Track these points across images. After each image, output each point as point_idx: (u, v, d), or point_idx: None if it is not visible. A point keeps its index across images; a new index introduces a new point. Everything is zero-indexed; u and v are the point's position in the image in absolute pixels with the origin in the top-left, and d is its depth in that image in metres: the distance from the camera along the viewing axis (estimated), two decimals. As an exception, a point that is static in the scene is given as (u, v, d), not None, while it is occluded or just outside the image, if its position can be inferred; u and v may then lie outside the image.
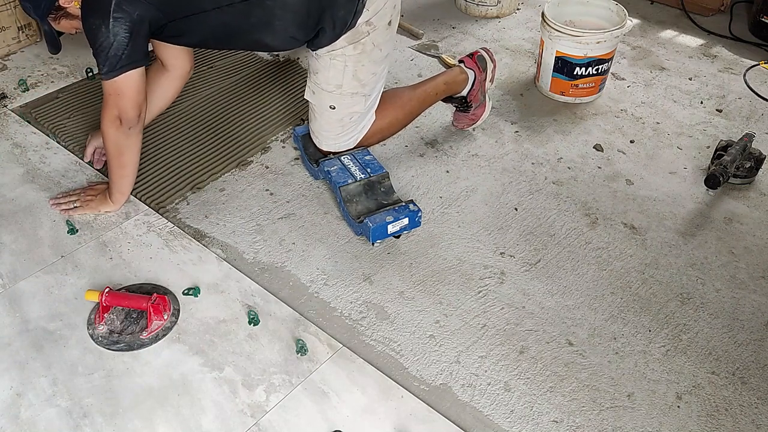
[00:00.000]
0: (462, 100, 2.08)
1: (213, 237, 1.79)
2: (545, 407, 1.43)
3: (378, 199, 1.83)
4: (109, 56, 1.57)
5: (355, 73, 1.77)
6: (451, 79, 2.03)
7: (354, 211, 1.79)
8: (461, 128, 2.16)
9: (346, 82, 1.78)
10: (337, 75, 1.77)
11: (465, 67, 2.06)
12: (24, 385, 1.44)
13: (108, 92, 1.63)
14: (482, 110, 2.13)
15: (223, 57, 2.48)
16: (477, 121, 2.14)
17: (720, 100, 2.36)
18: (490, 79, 2.13)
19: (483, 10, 2.83)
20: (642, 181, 2.01)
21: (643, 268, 1.74)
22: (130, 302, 1.56)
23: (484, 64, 2.09)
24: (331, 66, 1.76)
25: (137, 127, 1.70)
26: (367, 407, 1.41)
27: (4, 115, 2.20)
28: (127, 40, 1.55)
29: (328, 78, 1.78)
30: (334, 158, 1.89)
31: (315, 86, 1.82)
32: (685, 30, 2.79)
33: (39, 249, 1.74)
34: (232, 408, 1.40)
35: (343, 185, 1.81)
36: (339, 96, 1.80)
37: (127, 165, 1.76)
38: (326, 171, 1.86)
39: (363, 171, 1.85)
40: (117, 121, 1.66)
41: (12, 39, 2.50)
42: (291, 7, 1.64)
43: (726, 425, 1.40)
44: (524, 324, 1.59)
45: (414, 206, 1.77)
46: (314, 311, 1.60)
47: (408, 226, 1.77)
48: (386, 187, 1.85)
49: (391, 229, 1.74)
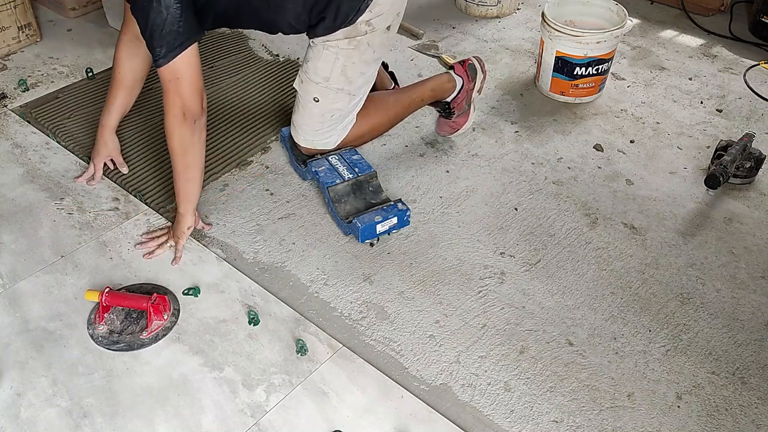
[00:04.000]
0: (445, 106, 2.07)
1: (213, 237, 1.79)
2: (545, 407, 1.43)
3: (366, 198, 1.83)
4: (164, 34, 1.51)
5: (344, 68, 1.78)
6: (438, 86, 2.02)
7: (342, 211, 1.79)
8: (442, 135, 2.14)
9: (334, 77, 1.79)
10: (326, 66, 1.78)
11: (454, 74, 2.05)
12: (24, 385, 1.44)
13: (167, 80, 1.56)
14: (465, 119, 2.10)
15: (223, 57, 2.48)
16: (458, 129, 2.11)
17: (720, 100, 2.36)
18: (478, 89, 2.11)
19: (483, 10, 2.83)
20: (642, 181, 2.01)
21: (643, 268, 1.74)
22: (130, 302, 1.56)
23: (474, 74, 2.07)
24: (323, 56, 1.77)
25: (201, 121, 1.64)
26: (367, 407, 1.41)
27: (4, 115, 2.20)
28: (179, 11, 1.50)
29: (317, 68, 1.79)
30: (322, 158, 1.89)
31: (304, 75, 1.83)
32: (685, 30, 2.79)
33: (39, 249, 1.74)
34: (232, 408, 1.40)
35: (331, 185, 1.80)
36: (325, 89, 1.81)
37: (193, 166, 1.68)
38: (314, 171, 1.86)
39: (351, 171, 1.85)
40: (181, 115, 1.59)
41: (12, 39, 2.50)
42: None
43: (726, 425, 1.40)
44: (524, 324, 1.59)
45: (402, 205, 1.78)
46: (314, 311, 1.61)
47: (397, 225, 1.77)
48: (374, 187, 1.85)
49: (380, 229, 1.74)
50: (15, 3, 2.45)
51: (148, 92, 2.29)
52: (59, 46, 2.56)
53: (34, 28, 2.55)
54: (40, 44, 2.57)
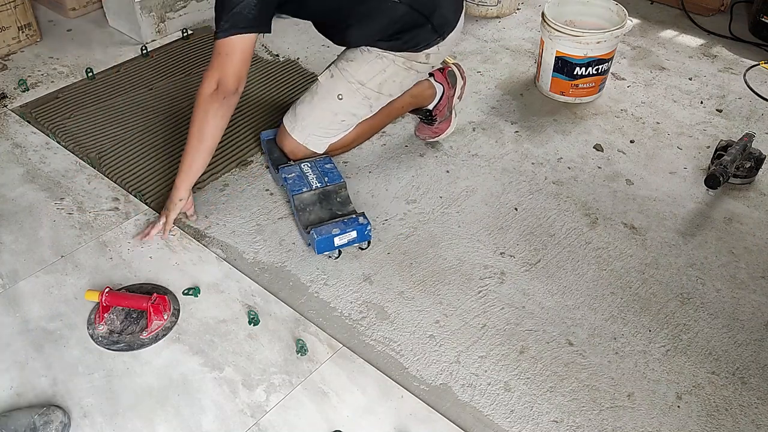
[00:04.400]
0: (427, 114, 2.07)
1: (213, 237, 1.79)
2: (545, 407, 1.43)
3: (333, 209, 1.79)
4: (233, 12, 1.54)
5: (385, 81, 1.84)
6: (419, 93, 2.01)
7: (305, 220, 1.76)
8: (423, 139, 2.13)
9: (371, 84, 1.83)
10: (371, 72, 1.82)
11: (434, 81, 2.04)
12: (24, 385, 1.44)
13: (218, 51, 1.59)
14: (447, 125, 2.10)
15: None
16: (440, 134, 2.10)
17: (720, 100, 2.36)
18: (459, 95, 2.12)
19: (483, 10, 2.83)
20: (642, 181, 2.01)
21: (643, 268, 1.74)
22: (130, 302, 1.56)
23: (454, 80, 2.08)
24: (373, 62, 1.82)
25: (230, 101, 1.65)
26: (367, 407, 1.41)
27: (4, 115, 2.20)
28: (255, 1, 1.54)
29: (360, 70, 1.82)
30: (295, 165, 1.86)
31: (338, 71, 1.85)
32: (685, 30, 2.79)
33: (39, 249, 1.74)
34: (232, 408, 1.40)
35: (298, 193, 1.78)
36: (355, 91, 1.83)
37: (206, 140, 1.68)
38: (284, 177, 1.83)
39: (320, 180, 1.81)
40: (215, 86, 1.61)
41: (12, 39, 2.50)
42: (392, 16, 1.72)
43: (726, 425, 1.40)
44: (524, 324, 1.59)
45: (364, 219, 1.73)
46: (314, 311, 1.61)
47: (357, 239, 1.72)
48: (342, 198, 1.82)
49: (338, 242, 1.70)
50: (15, 3, 2.45)
51: (148, 93, 2.30)
52: (59, 46, 2.56)
53: (34, 28, 2.55)
54: (40, 44, 2.57)
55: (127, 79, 2.37)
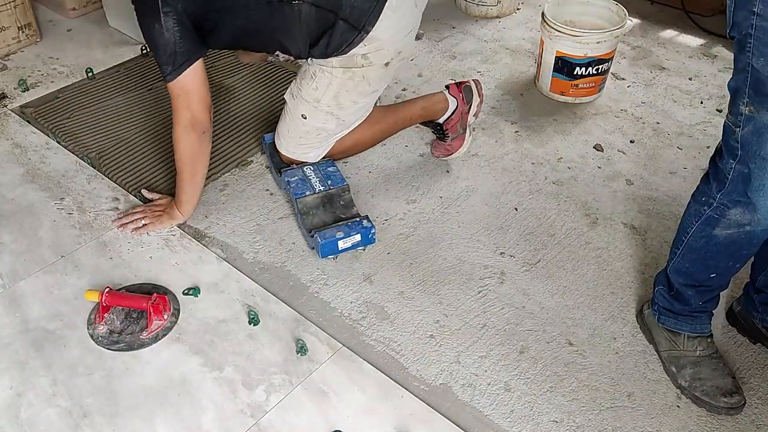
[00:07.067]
0: (438, 127, 2.02)
1: (213, 237, 1.79)
2: (545, 407, 1.43)
3: (336, 212, 1.79)
4: (169, 53, 1.58)
5: (337, 94, 1.76)
6: (430, 105, 1.97)
7: (309, 224, 1.75)
8: (437, 157, 2.06)
9: (325, 100, 1.77)
10: (319, 88, 1.76)
11: (449, 94, 1.99)
12: (24, 385, 1.44)
13: (176, 95, 1.64)
14: (460, 143, 2.01)
15: (223, 57, 2.48)
16: (453, 153, 2.02)
17: (720, 100, 2.36)
18: (474, 113, 2.03)
19: (483, 10, 2.83)
20: (642, 181, 2.01)
21: (643, 268, 1.73)
22: (130, 302, 1.56)
23: (469, 97, 2.01)
24: (317, 78, 1.75)
25: (209, 132, 1.71)
26: (367, 407, 1.41)
27: (4, 115, 2.20)
28: (179, 33, 1.57)
29: (310, 88, 1.77)
30: (297, 168, 1.86)
31: (297, 91, 1.82)
32: (685, 30, 2.79)
33: (39, 249, 1.74)
34: (232, 408, 1.40)
35: (301, 197, 1.78)
36: (314, 109, 1.79)
37: (199, 172, 1.76)
38: (287, 181, 1.83)
39: (323, 183, 1.81)
40: (190, 126, 1.66)
41: (12, 39, 2.50)
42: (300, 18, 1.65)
43: (726, 425, 1.40)
44: (524, 324, 1.59)
45: (368, 222, 1.73)
46: (314, 311, 1.61)
47: (361, 242, 1.73)
48: (346, 201, 1.81)
49: (342, 245, 1.70)
50: (15, 3, 2.45)
51: (148, 93, 2.30)
52: (59, 46, 2.57)
53: (34, 28, 2.55)
54: (40, 44, 2.57)
55: (127, 79, 2.37)
